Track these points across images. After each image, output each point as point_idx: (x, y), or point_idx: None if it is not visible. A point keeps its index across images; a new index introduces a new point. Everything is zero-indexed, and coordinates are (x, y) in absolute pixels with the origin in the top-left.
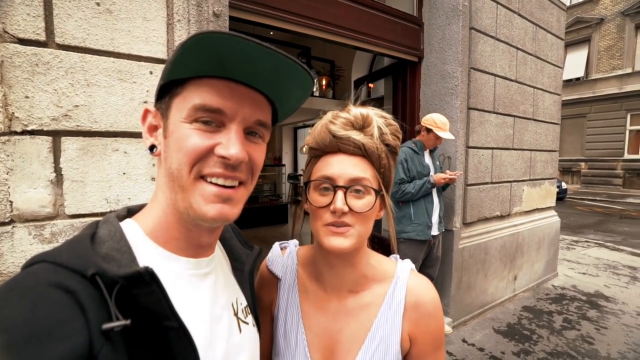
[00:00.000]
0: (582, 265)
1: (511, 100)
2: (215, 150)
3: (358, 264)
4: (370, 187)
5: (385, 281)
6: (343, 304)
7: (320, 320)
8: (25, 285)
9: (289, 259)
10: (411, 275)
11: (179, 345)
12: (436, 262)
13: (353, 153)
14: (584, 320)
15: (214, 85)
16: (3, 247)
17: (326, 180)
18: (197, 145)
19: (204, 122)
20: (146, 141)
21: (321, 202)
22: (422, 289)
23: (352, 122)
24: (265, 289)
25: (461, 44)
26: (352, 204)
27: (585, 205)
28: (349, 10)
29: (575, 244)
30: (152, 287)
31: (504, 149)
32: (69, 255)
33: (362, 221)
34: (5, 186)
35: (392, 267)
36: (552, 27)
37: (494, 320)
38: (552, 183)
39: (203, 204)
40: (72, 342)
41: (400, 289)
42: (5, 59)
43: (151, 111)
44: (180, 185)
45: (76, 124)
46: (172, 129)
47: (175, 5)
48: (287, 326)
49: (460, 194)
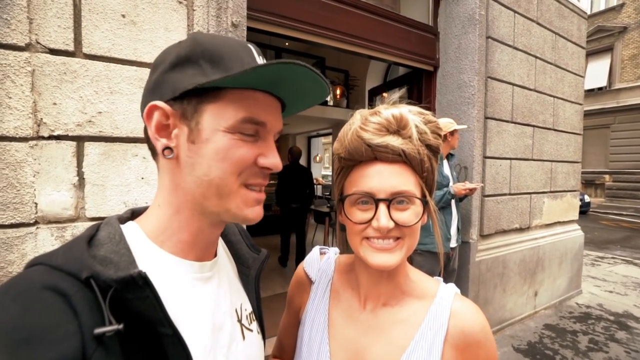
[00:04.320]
0: (608, 282)
1: (530, 110)
2: (259, 161)
3: (395, 276)
4: (415, 196)
5: (426, 299)
6: (376, 316)
7: (347, 331)
8: (19, 288)
9: (327, 264)
10: (456, 297)
11: (174, 352)
12: (452, 275)
13: (392, 161)
14: (612, 342)
15: (258, 98)
16: (27, 248)
17: (365, 194)
18: (245, 157)
19: (248, 134)
20: (156, 143)
21: (362, 217)
22: (469, 313)
23: (386, 126)
24: (298, 290)
25: (478, 53)
26: (397, 218)
27: (610, 219)
28: (363, 19)
29: (600, 260)
30: (146, 292)
31: (523, 159)
32: (64, 258)
33: (410, 234)
34: (32, 188)
35: (434, 286)
36: (573, 35)
37: (513, 338)
38: (574, 195)
39: (244, 208)
40: (64, 346)
41: (443, 310)
42: (36, 68)
43: (161, 108)
44: (220, 193)
45: (99, 130)
46: (207, 136)
47: (195, 16)
48: (312, 333)
49: (477, 205)
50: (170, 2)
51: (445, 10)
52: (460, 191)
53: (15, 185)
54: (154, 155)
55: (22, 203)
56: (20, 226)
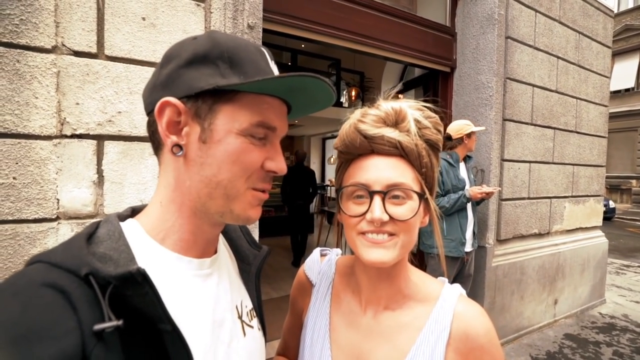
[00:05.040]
0: (634, 292)
1: (551, 112)
2: (266, 165)
3: (396, 278)
4: (412, 190)
5: (428, 302)
6: (378, 321)
7: (349, 335)
8: (18, 286)
9: (327, 266)
10: (460, 299)
11: (174, 348)
12: (468, 280)
13: (389, 153)
14: (638, 355)
15: (271, 103)
16: (48, 242)
17: (360, 186)
18: (255, 161)
19: (258, 137)
20: (166, 140)
21: (356, 211)
22: (473, 316)
23: (384, 119)
24: (300, 294)
25: (496, 53)
26: (392, 212)
27: (637, 226)
28: (379, 20)
29: (626, 269)
30: (145, 289)
31: (543, 162)
32: (63, 255)
33: (406, 230)
34: (54, 185)
35: (438, 288)
36: (598, 34)
37: (531, 347)
38: (598, 201)
39: (248, 208)
40: (64, 343)
41: (446, 313)
42: (61, 70)
43: (174, 105)
44: (228, 194)
45: (118, 129)
46: (220, 137)
47: (212, 18)
48: (314, 337)
49: (494, 209)
50: (189, 4)
51: (463, 11)
52: (476, 195)
53: (39, 182)
54: (157, 151)
55: (45, 199)
56: (43, 221)
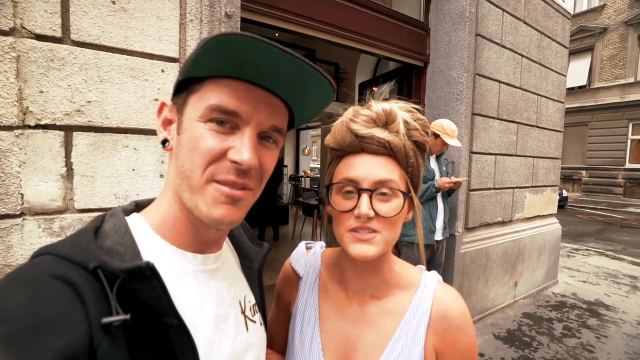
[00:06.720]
0: (582, 273)
1: (515, 107)
2: (228, 155)
3: (381, 269)
4: (398, 189)
5: (410, 289)
6: (364, 309)
7: (338, 324)
8: (27, 277)
9: (313, 258)
10: (439, 285)
11: (179, 343)
12: (438, 267)
13: (378, 152)
14: (584, 329)
15: (232, 86)
16: (13, 240)
17: (349, 182)
18: (211, 148)
19: (219, 123)
20: (159, 135)
21: (345, 206)
22: (450, 299)
23: (375, 119)
24: (287, 286)
25: (467, 50)
26: (378, 209)
27: (585, 213)
28: (355, 13)
29: (575, 252)
30: (153, 283)
31: (507, 155)
32: (72, 247)
33: (389, 226)
34: (17, 179)
35: (418, 275)
36: (557, 35)
37: (494, 326)
38: (554, 190)
39: (211, 205)
40: (72, 335)
41: (426, 298)
42: (21, 54)
43: (167, 105)
44: (189, 185)
45: (88, 120)
46: (186, 125)
47: (188, 5)
48: (303, 326)
49: (463, 199)
50: None
51: (437, 7)
52: (444, 185)
53: (0, 176)
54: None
55: (7, 194)
56: (6, 217)
